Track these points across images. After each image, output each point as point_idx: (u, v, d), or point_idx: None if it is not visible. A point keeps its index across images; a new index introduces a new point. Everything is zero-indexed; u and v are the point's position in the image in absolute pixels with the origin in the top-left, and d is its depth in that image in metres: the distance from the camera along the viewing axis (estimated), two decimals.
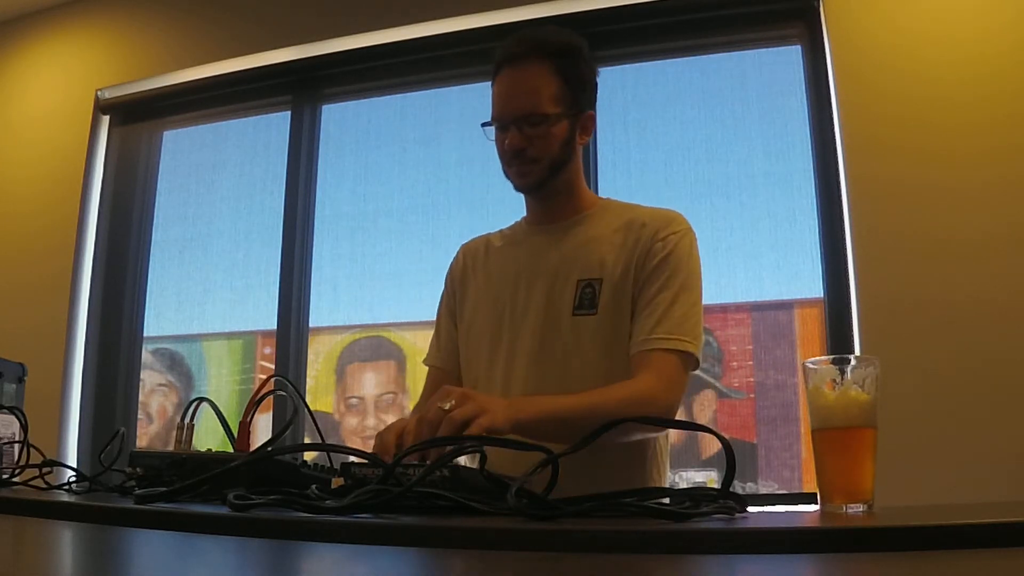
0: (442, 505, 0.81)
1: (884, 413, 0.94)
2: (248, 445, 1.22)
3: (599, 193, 2.80)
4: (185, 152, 3.49)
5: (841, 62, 2.58)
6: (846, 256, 2.49)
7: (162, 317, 3.34)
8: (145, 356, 3.32)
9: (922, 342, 2.31)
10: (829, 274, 2.56)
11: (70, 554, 0.59)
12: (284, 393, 1.40)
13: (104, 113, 3.48)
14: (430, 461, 0.95)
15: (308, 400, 2.77)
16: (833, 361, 0.95)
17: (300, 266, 3.15)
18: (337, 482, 0.92)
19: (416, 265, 3.03)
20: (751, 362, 2.64)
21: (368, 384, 3.05)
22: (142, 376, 3.30)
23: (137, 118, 3.49)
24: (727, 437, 0.94)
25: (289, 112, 3.29)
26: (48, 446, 1.65)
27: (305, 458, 1.08)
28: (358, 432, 3.01)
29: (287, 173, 3.23)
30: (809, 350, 2.59)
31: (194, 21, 3.39)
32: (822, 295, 2.57)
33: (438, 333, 1.58)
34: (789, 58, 2.78)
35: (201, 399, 1.27)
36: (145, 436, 3.26)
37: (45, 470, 1.20)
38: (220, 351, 3.26)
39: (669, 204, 1.50)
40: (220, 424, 1.26)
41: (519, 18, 2.92)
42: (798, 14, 2.73)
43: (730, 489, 0.79)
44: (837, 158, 2.56)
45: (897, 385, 2.15)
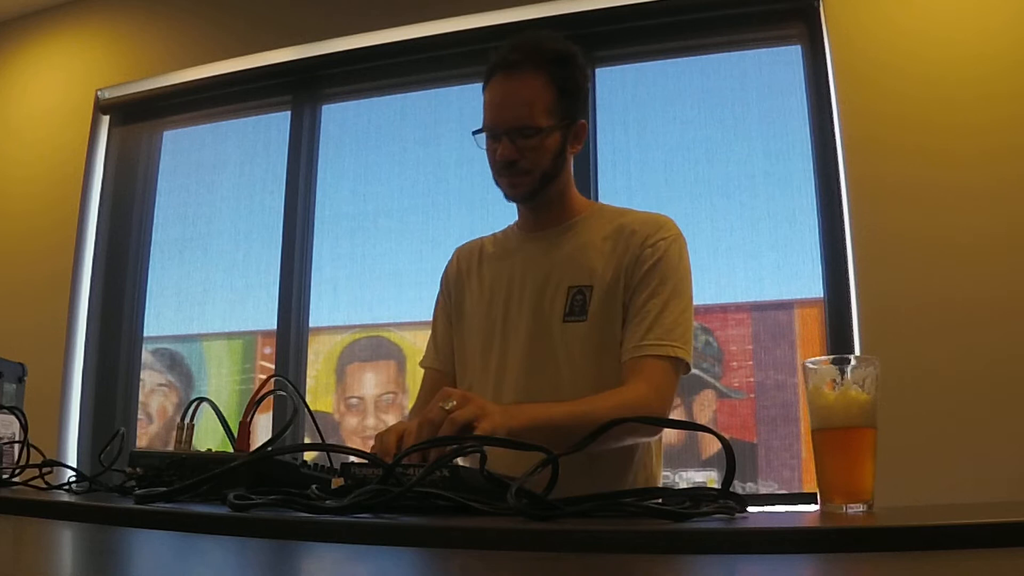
0: (442, 505, 0.81)
1: (884, 413, 0.94)
2: (248, 445, 1.22)
3: (599, 193, 2.83)
4: (185, 152, 3.49)
5: (841, 62, 2.58)
6: (846, 256, 2.49)
7: (162, 317, 3.34)
8: (145, 356, 3.32)
9: (922, 342, 2.31)
10: (829, 274, 2.56)
11: (70, 554, 0.59)
12: (284, 393, 1.40)
13: (104, 113, 3.48)
14: (431, 461, 0.95)
15: (308, 400, 2.77)
16: (833, 361, 0.95)
17: (300, 266, 3.15)
18: (337, 482, 0.92)
19: (416, 265, 3.02)
20: (751, 362, 2.64)
21: (368, 384, 3.05)
22: (142, 376, 3.30)
23: (137, 118, 3.49)
24: (727, 437, 0.94)
25: (289, 112, 3.29)
26: (48, 446, 1.65)
27: (305, 458, 1.08)
28: (358, 432, 3.01)
29: (287, 173, 3.23)
30: (809, 350, 2.59)
31: (194, 21, 3.39)
32: (822, 295, 2.57)
33: (434, 335, 1.59)
34: (789, 58, 2.78)
35: (201, 399, 1.27)
36: (145, 436, 3.26)
37: (45, 470, 1.20)
38: (220, 351, 3.26)
39: (669, 204, 1.50)
40: (220, 424, 1.26)
41: (519, 18, 2.92)
42: (798, 14, 2.73)
43: (730, 489, 0.79)
44: (837, 158, 2.56)
45: (897, 385, 2.15)
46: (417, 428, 1.13)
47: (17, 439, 1.44)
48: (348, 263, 3.15)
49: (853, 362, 0.94)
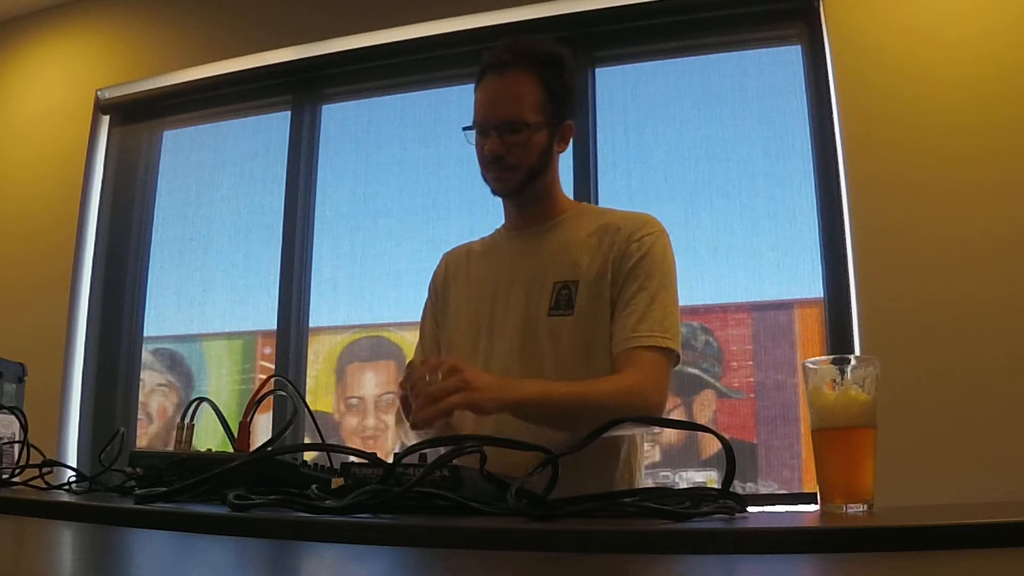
0: (442, 505, 0.81)
1: (884, 413, 0.94)
2: (248, 445, 1.22)
3: (599, 193, 2.83)
4: (185, 152, 3.49)
5: (841, 62, 2.58)
6: (846, 256, 2.49)
7: (162, 317, 3.34)
8: (145, 356, 3.32)
9: (922, 342, 2.31)
10: (829, 274, 2.56)
11: (70, 554, 0.59)
12: (284, 393, 1.41)
13: (104, 113, 3.48)
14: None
15: (308, 400, 2.77)
16: (833, 361, 0.95)
17: (300, 266, 3.15)
18: (337, 482, 0.92)
19: (416, 265, 3.02)
20: (751, 362, 2.64)
21: (368, 384, 3.05)
22: (142, 376, 3.30)
23: (137, 118, 3.49)
24: (727, 437, 0.94)
25: (289, 112, 3.29)
26: (48, 446, 1.65)
27: (305, 458, 1.08)
28: (358, 432, 3.01)
29: (287, 173, 3.23)
30: (809, 350, 2.59)
31: (194, 21, 3.39)
32: (822, 295, 2.57)
33: (423, 340, 1.62)
34: (789, 58, 2.78)
35: (201, 399, 1.27)
36: (145, 436, 3.26)
37: (45, 470, 1.20)
38: (220, 351, 3.26)
39: (669, 204, 1.52)
40: (220, 424, 1.26)
41: (519, 18, 2.92)
42: (798, 14, 2.73)
43: (730, 489, 0.79)
44: (837, 158, 2.56)
45: (897, 385, 2.15)
46: (404, 382, 1.21)
47: (17, 439, 1.44)
48: (348, 263, 3.15)
49: (853, 362, 0.94)
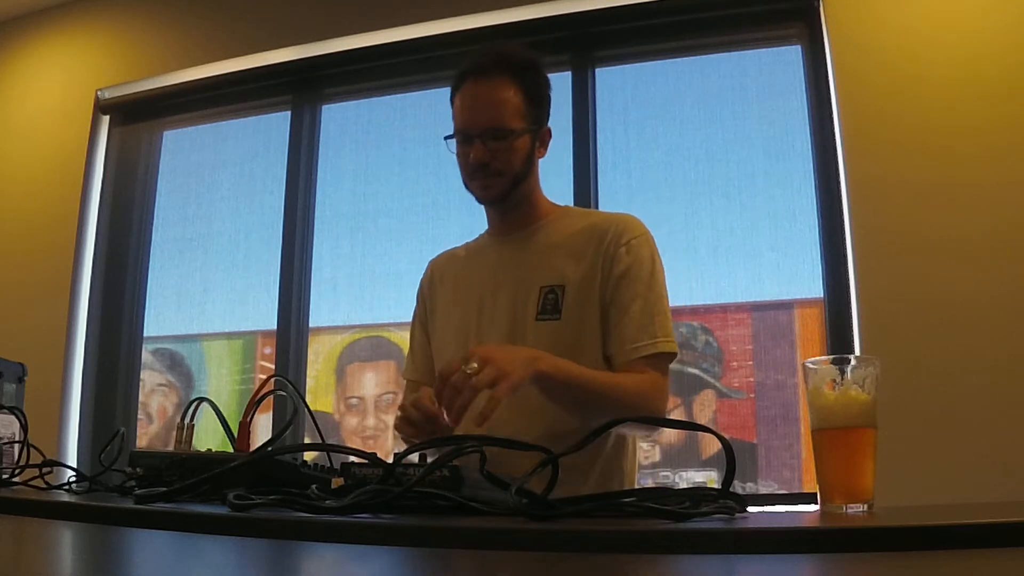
0: (442, 505, 0.81)
1: (884, 413, 0.94)
2: (248, 445, 1.22)
3: (599, 193, 2.83)
4: (185, 152, 3.49)
5: (841, 62, 2.58)
6: (846, 256, 2.49)
7: (162, 317, 3.34)
8: (145, 356, 3.32)
9: (922, 342, 2.31)
10: (829, 274, 2.56)
11: (70, 554, 0.59)
12: (284, 393, 1.41)
13: (104, 113, 3.48)
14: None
15: (308, 400, 2.77)
16: (833, 361, 0.95)
17: (300, 266, 3.15)
18: (337, 482, 0.92)
19: (416, 265, 2.99)
20: (751, 362, 2.64)
21: (368, 384, 3.05)
22: (142, 376, 3.30)
23: (137, 118, 3.49)
24: (727, 437, 0.94)
25: (289, 112, 3.29)
26: (48, 446, 1.65)
27: (305, 458, 1.08)
28: (358, 432, 3.01)
29: (287, 173, 3.23)
30: (809, 350, 2.59)
31: (194, 21, 3.39)
32: (822, 295, 2.57)
33: (412, 347, 1.63)
34: (789, 58, 2.78)
35: (201, 399, 1.27)
36: (145, 436, 3.26)
37: (45, 470, 1.20)
38: (220, 351, 3.26)
39: (669, 204, 1.52)
40: (220, 424, 1.26)
41: (519, 18, 2.92)
42: (798, 14, 2.73)
43: (730, 489, 0.79)
44: (837, 158, 2.56)
45: (897, 385, 2.15)
46: (436, 392, 1.17)
47: (17, 439, 1.44)
48: (348, 263, 3.15)
49: (853, 362, 0.94)
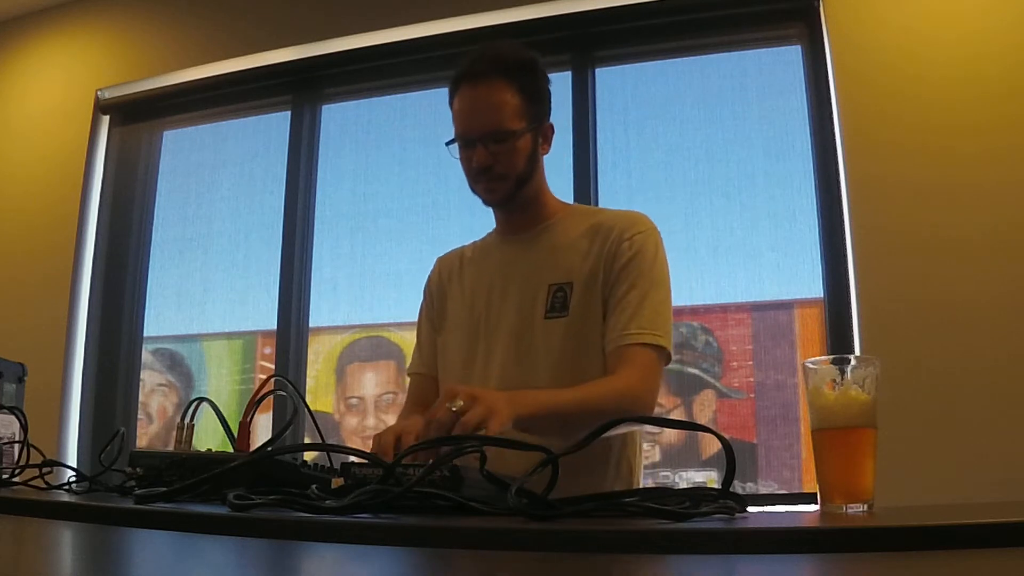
0: (442, 505, 0.81)
1: (884, 413, 0.94)
2: (248, 445, 1.22)
3: (599, 193, 2.83)
4: (185, 152, 3.49)
5: (841, 62, 2.58)
6: (846, 256, 2.49)
7: (162, 317, 3.34)
8: (145, 356, 3.32)
9: (922, 342, 2.31)
10: (829, 274, 2.56)
11: (70, 554, 0.59)
12: (284, 393, 1.41)
13: (104, 113, 3.48)
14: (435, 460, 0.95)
15: (308, 400, 2.77)
16: (833, 361, 0.95)
17: (300, 266, 3.15)
18: (337, 482, 0.92)
19: (416, 265, 3.02)
20: (751, 362, 2.64)
21: (368, 384, 3.05)
22: (142, 376, 3.30)
23: (137, 118, 3.49)
24: (727, 437, 0.94)
25: (289, 112, 3.29)
26: (48, 446, 1.65)
27: (305, 458, 1.08)
28: (358, 432, 3.01)
29: (287, 173, 3.23)
30: (809, 350, 2.59)
31: (194, 21, 3.39)
32: (822, 295, 2.57)
33: (420, 342, 1.62)
34: (789, 58, 2.78)
35: (201, 399, 1.27)
36: (145, 436, 3.26)
37: (45, 470, 1.20)
38: (220, 351, 3.26)
39: (669, 204, 1.51)
40: (220, 424, 1.26)
41: (519, 18, 2.92)
42: (798, 14, 2.73)
43: (730, 489, 0.79)
44: (837, 158, 2.56)
45: (897, 385, 2.15)
46: (424, 428, 1.13)
47: (17, 439, 1.44)
48: (348, 263, 3.15)
49: (853, 362, 0.94)
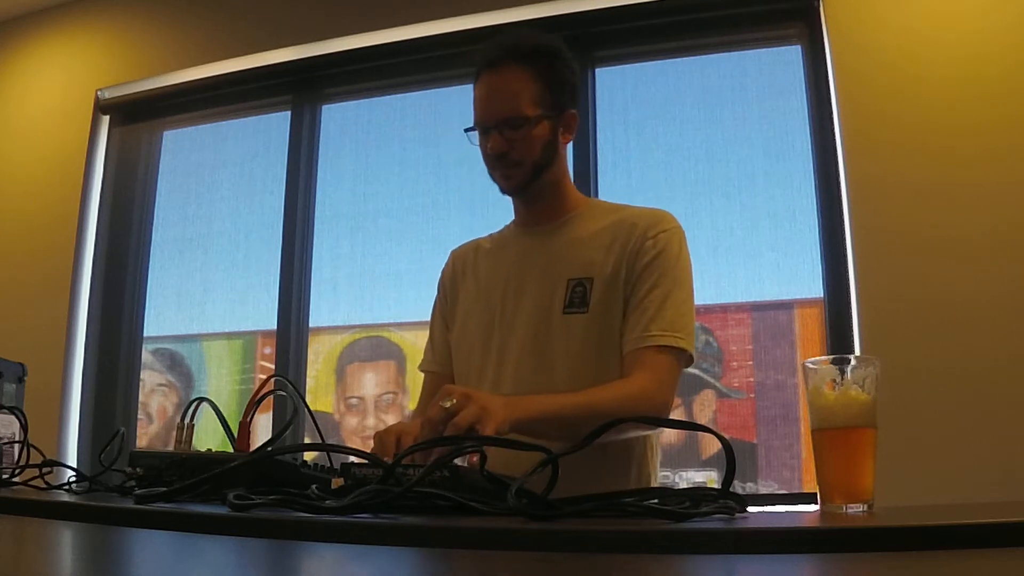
0: (442, 505, 0.81)
1: (884, 413, 0.94)
2: (248, 445, 1.22)
3: (599, 194, 2.83)
4: (185, 152, 3.49)
5: (841, 62, 2.58)
6: (846, 256, 2.49)
7: (162, 317, 3.34)
8: (145, 356, 3.32)
9: (922, 342, 2.31)
10: (829, 274, 2.56)
11: (70, 554, 0.59)
12: (284, 393, 1.40)
13: (104, 113, 3.48)
14: (433, 461, 0.95)
15: (308, 400, 2.77)
16: (833, 361, 0.94)
17: (300, 266, 3.15)
18: (337, 482, 0.92)
19: (416, 265, 3.02)
20: (751, 362, 2.64)
21: (368, 384, 3.05)
22: (142, 376, 3.30)
23: (137, 118, 3.49)
24: (727, 437, 0.94)
25: (289, 112, 3.29)
26: (48, 446, 1.65)
27: (305, 458, 1.08)
28: (358, 432, 3.01)
29: (287, 173, 3.23)
30: (809, 350, 2.59)
31: (194, 21, 3.39)
32: (822, 295, 2.57)
33: (432, 339, 1.59)
34: (789, 58, 2.78)
35: (201, 399, 1.27)
36: (145, 436, 3.26)
37: (45, 470, 1.20)
38: (220, 351, 3.26)
39: (669, 204, 1.50)
40: (220, 424, 1.26)
41: (519, 18, 2.92)
42: (798, 14, 2.73)
43: (730, 489, 0.79)
44: (837, 158, 2.56)
45: (897, 385, 2.15)
46: (419, 428, 1.13)
47: (17, 439, 1.44)
48: (348, 263, 3.15)
49: (853, 362, 0.94)
